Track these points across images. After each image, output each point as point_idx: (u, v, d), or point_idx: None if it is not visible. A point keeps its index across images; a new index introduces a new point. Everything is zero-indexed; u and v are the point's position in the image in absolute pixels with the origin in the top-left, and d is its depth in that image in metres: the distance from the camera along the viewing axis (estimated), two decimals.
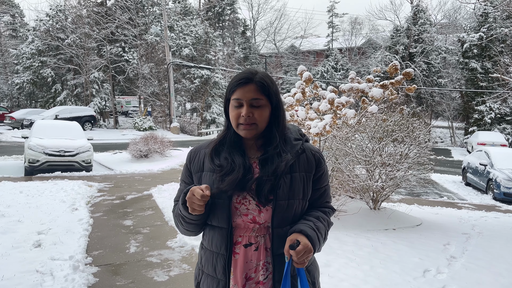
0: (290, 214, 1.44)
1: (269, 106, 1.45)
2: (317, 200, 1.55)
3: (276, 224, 1.42)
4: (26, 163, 10.32)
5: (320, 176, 1.53)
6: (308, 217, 1.48)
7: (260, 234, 1.44)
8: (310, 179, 1.50)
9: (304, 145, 1.53)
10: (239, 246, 1.45)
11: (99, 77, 27.54)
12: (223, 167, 1.45)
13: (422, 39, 27.31)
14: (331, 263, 4.20)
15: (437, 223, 6.77)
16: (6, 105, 32.86)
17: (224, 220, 1.44)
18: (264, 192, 1.40)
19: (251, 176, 1.43)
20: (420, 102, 27.36)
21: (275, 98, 1.46)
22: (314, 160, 1.51)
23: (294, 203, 1.44)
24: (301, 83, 6.39)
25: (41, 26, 27.35)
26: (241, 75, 1.45)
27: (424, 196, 10.86)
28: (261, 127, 1.44)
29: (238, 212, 1.44)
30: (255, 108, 1.42)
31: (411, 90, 7.28)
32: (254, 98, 1.41)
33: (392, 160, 6.38)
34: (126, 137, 19.62)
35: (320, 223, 1.46)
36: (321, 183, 1.55)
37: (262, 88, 1.43)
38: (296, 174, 1.46)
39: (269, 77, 1.49)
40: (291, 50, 46.08)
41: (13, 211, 6.19)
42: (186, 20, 31.20)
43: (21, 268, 3.85)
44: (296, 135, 1.55)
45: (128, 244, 4.86)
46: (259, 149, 1.50)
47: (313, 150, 1.54)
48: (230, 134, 1.51)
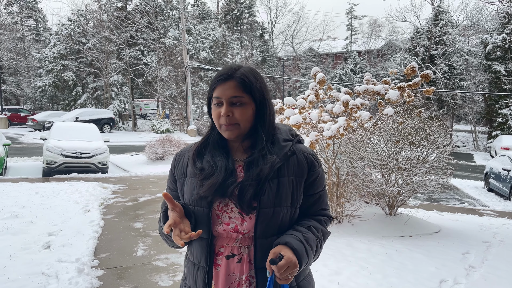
0: (276, 223, 1.29)
1: (252, 104, 1.32)
2: (310, 207, 1.40)
3: (259, 234, 1.28)
4: (44, 164, 10.49)
5: (314, 180, 1.39)
6: (298, 227, 1.33)
7: (244, 245, 1.31)
8: (301, 184, 1.36)
9: (295, 146, 1.39)
10: (221, 257, 1.33)
11: (118, 80, 27.97)
12: (204, 170, 1.33)
13: (443, 41, 26.71)
14: (342, 271, 4.05)
15: (457, 231, 6.52)
16: (29, 107, 33.69)
17: (203, 229, 1.30)
18: (246, 198, 1.27)
19: (234, 180, 1.30)
20: (441, 105, 26.74)
21: (259, 95, 1.33)
22: (306, 162, 1.37)
23: (281, 210, 1.30)
24: (314, 84, 6.25)
25: (63, 31, 27.98)
26: (221, 71, 1.34)
27: (444, 202, 10.54)
28: (243, 127, 1.31)
29: (220, 221, 1.32)
30: (236, 107, 1.29)
31: (429, 93, 7.05)
32: (234, 96, 1.29)
33: (409, 165, 6.17)
34: (144, 139, 19.76)
35: (311, 234, 1.31)
36: (315, 189, 1.40)
37: (243, 85, 1.30)
38: (284, 179, 1.32)
39: (254, 72, 1.36)
40: (309, 53, 45.80)
41: (27, 212, 6.24)
42: (204, 24, 31.40)
43: (27, 270, 3.84)
44: (286, 135, 1.41)
45: (136, 247, 4.81)
46: (245, 151, 1.37)
47: (306, 151, 1.40)
48: (213, 135, 1.39)
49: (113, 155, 14.98)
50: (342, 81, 34.55)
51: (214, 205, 1.32)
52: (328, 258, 4.40)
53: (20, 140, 20.35)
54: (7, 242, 4.69)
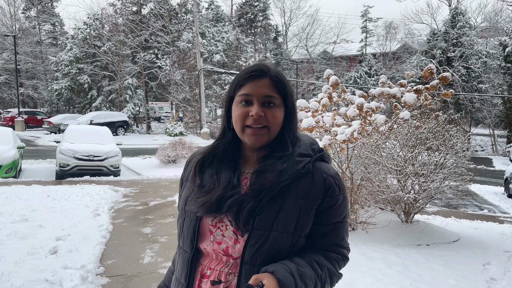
0: (270, 251, 1.09)
1: (283, 108, 1.17)
2: (320, 239, 1.17)
3: (247, 259, 1.09)
4: (57, 167, 10.53)
5: (329, 208, 1.16)
6: (296, 258, 1.11)
7: (233, 272, 1.13)
8: (312, 209, 1.14)
9: (315, 164, 1.17)
10: (206, 281, 1.16)
11: (132, 83, 28.17)
12: (204, 188, 1.18)
13: (461, 43, 26.18)
14: (355, 282, 3.86)
15: (476, 239, 6.25)
16: (46, 110, 34.19)
17: (187, 243, 1.18)
18: (244, 214, 1.10)
19: (233, 193, 1.13)
20: (459, 109, 26.18)
21: (291, 99, 1.19)
22: (323, 185, 1.15)
23: (279, 237, 1.09)
24: (327, 87, 6.09)
25: (79, 34, 28.33)
26: (253, 67, 1.18)
27: (463, 208, 10.21)
28: (273, 132, 1.15)
29: (212, 238, 1.16)
30: (268, 108, 1.13)
31: (447, 96, 6.80)
32: (268, 95, 1.14)
33: (426, 170, 5.94)
34: (157, 142, 19.82)
35: (309, 270, 1.08)
36: (330, 219, 1.17)
37: (278, 85, 1.16)
38: (291, 200, 1.11)
39: (284, 75, 1.21)
40: (323, 56, 45.52)
41: (37, 216, 6.21)
42: (218, 27, 31.46)
43: (32, 276, 3.75)
44: (306, 149, 1.19)
45: (143, 254, 4.70)
46: (258, 162, 1.19)
47: (326, 172, 1.17)
48: (224, 143, 1.22)
49: (126, 158, 15.01)
50: (357, 84, 34.19)
51: (208, 219, 1.17)
52: None
53: (36, 143, 20.60)
54: (15, 247, 4.63)
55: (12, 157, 9.99)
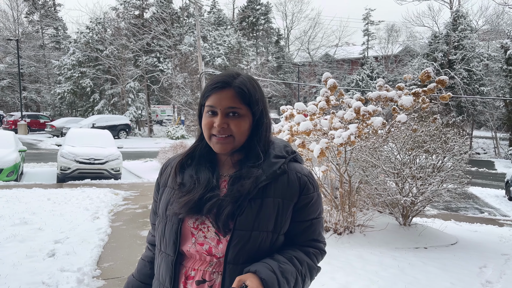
0: (252, 249, 1.14)
1: (250, 116, 1.20)
2: (298, 235, 1.24)
3: (230, 258, 1.14)
4: (58, 170, 10.59)
5: (305, 206, 1.22)
6: (277, 255, 1.16)
7: (217, 271, 1.17)
8: (289, 207, 1.20)
9: (289, 165, 1.24)
10: (191, 282, 1.19)
11: (135, 87, 28.31)
12: (185, 186, 1.22)
13: (462, 46, 26.16)
14: (351, 285, 3.87)
15: (475, 242, 6.25)
16: (48, 114, 34.36)
17: (170, 245, 1.21)
18: (223, 217, 1.14)
19: (213, 195, 1.17)
20: (460, 111, 26.14)
21: (258, 107, 1.20)
22: (298, 184, 1.21)
23: (260, 235, 1.15)
24: (325, 90, 6.11)
25: (82, 38, 28.51)
26: (218, 78, 1.21)
27: (463, 211, 10.19)
28: (238, 140, 1.19)
29: (194, 240, 1.19)
30: (232, 118, 1.17)
31: (445, 99, 6.81)
32: (230, 107, 1.16)
33: (423, 173, 5.95)
34: (159, 145, 19.84)
35: (290, 266, 1.15)
36: (306, 215, 1.23)
37: (241, 95, 1.17)
38: (269, 200, 1.17)
39: (253, 81, 1.23)
40: (325, 59, 45.57)
41: (37, 219, 6.25)
42: (219, 30, 31.58)
43: (29, 279, 3.79)
44: (280, 151, 1.25)
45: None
46: (234, 166, 1.24)
47: (300, 172, 1.24)
48: (201, 147, 1.27)
49: (127, 161, 15.08)
50: (359, 87, 34.21)
51: (190, 222, 1.20)
52: (337, 271, 4.24)
53: (38, 146, 20.71)
54: (13, 250, 4.67)
55: (13, 160, 10.06)
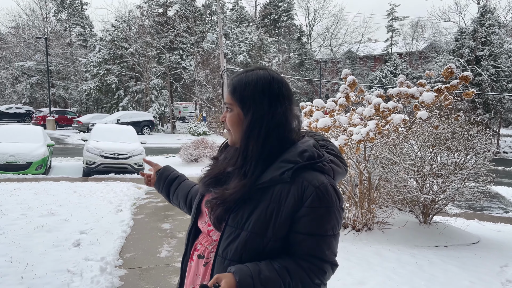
0: (240, 248, 1.14)
1: (239, 112, 1.21)
2: (295, 247, 1.16)
3: (220, 251, 1.19)
4: (84, 165, 10.93)
5: (305, 217, 1.13)
6: (266, 262, 1.13)
7: (214, 251, 1.23)
8: (287, 215, 1.14)
9: (299, 172, 1.15)
10: (196, 254, 1.34)
11: (158, 84, 28.75)
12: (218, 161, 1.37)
13: (490, 42, 25.40)
14: (367, 281, 3.89)
15: (497, 242, 6.12)
16: (75, 110, 35.31)
17: (192, 218, 1.39)
18: (215, 214, 1.23)
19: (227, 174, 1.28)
20: (487, 109, 25.41)
21: (249, 105, 1.19)
22: (302, 194, 1.13)
23: (249, 237, 1.13)
24: (344, 87, 6.10)
25: (107, 36, 29.14)
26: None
27: (487, 210, 9.95)
28: (234, 134, 1.24)
29: (206, 219, 1.31)
30: (227, 113, 1.25)
31: (469, 96, 6.68)
32: (226, 102, 1.27)
33: (445, 171, 5.87)
34: (181, 141, 20.16)
35: (275, 276, 1.10)
36: (304, 228, 1.14)
37: (232, 91, 1.24)
38: (265, 204, 1.14)
39: (250, 80, 1.21)
40: (348, 56, 45.06)
41: (63, 210, 6.50)
42: (241, 27, 31.67)
43: (54, 267, 3.97)
44: (293, 156, 1.17)
45: (161, 248, 4.87)
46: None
47: (309, 182, 1.14)
48: None
49: (150, 156, 15.35)
50: (382, 84, 33.69)
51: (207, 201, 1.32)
52: (353, 267, 4.26)
53: (66, 141, 21.35)
54: (41, 239, 4.89)
55: (42, 154, 10.43)
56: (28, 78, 34.92)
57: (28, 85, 34.68)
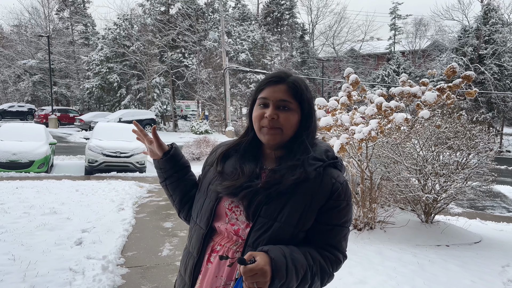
0: (271, 238, 1.20)
1: (298, 112, 1.28)
2: (317, 236, 1.26)
3: (250, 242, 1.22)
4: (86, 163, 10.96)
5: (331, 210, 1.25)
6: (292, 246, 1.20)
7: (240, 251, 1.25)
8: (316, 208, 1.24)
9: (327, 169, 1.28)
10: (215, 255, 1.29)
11: (160, 82, 28.76)
12: (223, 175, 1.33)
13: (493, 40, 25.30)
14: (368, 280, 3.89)
15: (499, 241, 6.11)
16: (77, 108, 35.40)
17: (204, 221, 1.32)
18: (253, 206, 1.23)
19: (250, 185, 1.25)
20: (490, 108, 25.33)
21: (308, 105, 1.29)
22: (330, 189, 1.25)
23: (281, 227, 1.21)
24: (347, 86, 6.09)
25: (109, 35, 29.17)
26: (273, 73, 1.32)
27: (490, 210, 9.94)
28: (286, 134, 1.26)
29: (227, 220, 1.29)
30: (282, 111, 1.25)
31: (471, 95, 6.66)
32: (282, 99, 1.25)
33: (447, 170, 5.86)
34: (183, 140, 20.16)
35: (303, 259, 1.18)
36: (329, 219, 1.25)
37: (293, 91, 1.26)
38: (298, 197, 1.23)
39: (304, 82, 1.32)
40: (350, 54, 44.99)
41: (65, 209, 6.52)
42: (244, 26, 31.63)
43: (57, 265, 3.98)
44: (320, 155, 1.30)
45: (163, 247, 4.88)
46: (276, 160, 1.31)
47: (335, 178, 1.27)
48: (247, 141, 1.36)
49: None
50: (384, 83, 33.63)
51: (226, 203, 1.30)
52: (354, 266, 4.26)
53: (68, 139, 21.39)
54: (43, 238, 4.90)
55: (44, 153, 10.46)
56: (30, 76, 35.02)
57: (30, 83, 34.79)
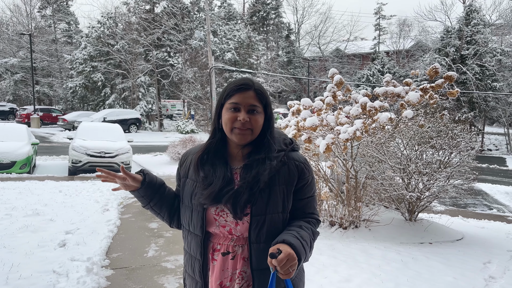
0: (268, 229, 1.42)
1: (263, 114, 1.47)
2: (299, 210, 1.51)
3: (253, 239, 1.42)
4: (70, 163, 10.79)
5: (303, 186, 1.50)
6: (290, 227, 1.44)
7: (238, 244, 1.45)
8: (291, 191, 1.47)
9: (288, 155, 1.50)
10: (217, 253, 1.47)
11: (145, 81, 28.50)
12: (207, 179, 1.46)
13: (475, 41, 25.78)
14: (353, 278, 3.93)
15: (481, 238, 6.24)
16: (61, 107, 34.81)
17: (198, 228, 1.48)
18: (240, 205, 1.40)
19: (230, 188, 1.42)
20: (472, 107, 25.80)
21: (269, 108, 1.49)
22: (296, 171, 1.48)
23: (273, 217, 1.43)
24: (332, 86, 6.14)
25: (93, 33, 28.77)
26: (240, 81, 1.47)
27: (471, 207, 10.14)
28: (255, 133, 1.45)
29: (217, 223, 1.46)
30: (252, 114, 1.43)
31: (453, 95, 6.78)
32: (253, 105, 1.43)
33: (429, 169, 5.96)
34: (169, 139, 20.05)
35: (304, 231, 1.42)
36: (304, 194, 1.51)
37: (260, 96, 1.46)
38: (276, 188, 1.44)
39: (264, 89, 1.52)
40: (336, 54, 45.29)
41: (48, 210, 6.42)
42: (229, 25, 31.56)
43: (40, 267, 3.92)
44: (279, 145, 1.51)
45: (148, 248, 4.84)
46: (244, 158, 1.49)
47: (297, 160, 1.51)
48: (216, 141, 1.51)
49: (137, 155, 15.26)
50: (369, 82, 33.97)
51: (212, 210, 1.46)
52: (339, 264, 4.30)
53: (51, 139, 21.04)
54: (25, 239, 4.82)
55: (26, 153, 10.27)
56: (12, 75, 34.28)
57: (11, 82, 34.05)
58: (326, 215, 6.01)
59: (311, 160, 6.27)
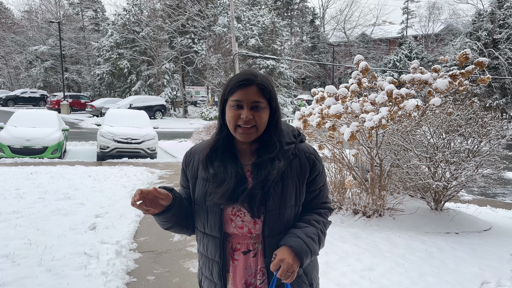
0: (281, 223, 1.42)
1: (268, 109, 1.41)
2: (311, 201, 1.52)
3: (267, 234, 1.42)
4: (98, 149, 11.11)
5: (315, 177, 1.50)
6: (298, 223, 1.45)
7: (257, 241, 1.45)
8: (304, 183, 1.47)
9: (298, 147, 1.49)
10: (238, 253, 1.46)
11: (170, 68, 28.78)
12: (218, 176, 1.41)
13: (508, 24, 24.69)
14: (376, 267, 3.93)
15: (509, 229, 6.10)
16: (89, 94, 35.64)
17: (216, 230, 1.45)
18: (256, 205, 1.39)
19: (245, 187, 1.39)
20: (504, 94, 24.90)
21: (274, 101, 1.43)
22: (308, 163, 1.47)
23: (286, 211, 1.43)
24: (357, 73, 6.04)
25: (119, 20, 29.15)
26: (242, 76, 1.40)
27: (501, 197, 9.87)
28: (260, 130, 1.40)
29: (234, 224, 1.44)
30: (255, 111, 1.38)
31: (484, 81, 6.56)
32: (255, 101, 1.37)
33: (457, 158, 5.83)
34: (193, 126, 20.29)
35: (310, 228, 1.43)
36: (316, 185, 1.51)
37: (263, 91, 1.39)
38: (288, 181, 1.43)
39: (270, 80, 1.46)
40: (361, 39, 44.34)
41: (79, 194, 6.66)
42: (253, 10, 31.31)
43: (72, 249, 4.10)
44: (289, 138, 1.49)
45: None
46: (253, 154, 1.46)
47: (308, 152, 1.50)
48: (223, 138, 1.46)
49: (163, 141, 15.53)
50: (396, 68, 33.19)
51: (228, 210, 1.43)
52: (362, 253, 4.30)
53: (80, 125, 21.64)
54: (58, 222, 5.04)
55: (57, 139, 10.62)
56: (42, 62, 35.26)
57: (42, 69, 35.05)
58: (350, 203, 5.99)
59: (335, 148, 6.24)
